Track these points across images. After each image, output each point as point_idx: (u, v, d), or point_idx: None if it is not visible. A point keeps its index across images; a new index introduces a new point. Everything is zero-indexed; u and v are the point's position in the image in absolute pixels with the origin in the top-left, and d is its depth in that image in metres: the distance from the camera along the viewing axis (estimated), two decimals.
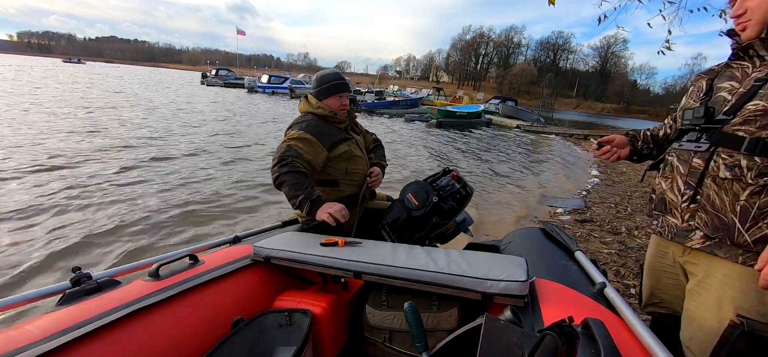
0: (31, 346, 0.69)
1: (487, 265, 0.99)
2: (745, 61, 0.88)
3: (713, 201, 0.86)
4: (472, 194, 1.57)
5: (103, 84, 19.54)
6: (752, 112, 0.80)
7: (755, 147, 0.79)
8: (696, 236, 0.90)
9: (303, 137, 1.42)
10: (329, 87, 1.52)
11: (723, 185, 0.84)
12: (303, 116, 1.53)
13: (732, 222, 0.83)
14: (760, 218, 0.79)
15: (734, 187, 0.83)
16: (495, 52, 78.69)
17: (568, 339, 0.63)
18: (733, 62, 0.91)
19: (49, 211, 3.19)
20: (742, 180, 0.81)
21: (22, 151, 4.87)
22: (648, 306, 1.12)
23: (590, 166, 8.00)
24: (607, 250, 2.94)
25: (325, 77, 1.54)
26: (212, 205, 3.74)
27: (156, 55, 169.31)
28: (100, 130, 6.83)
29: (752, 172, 0.80)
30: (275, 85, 24.90)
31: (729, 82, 0.89)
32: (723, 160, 0.84)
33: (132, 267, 1.14)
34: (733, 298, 0.85)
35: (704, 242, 0.89)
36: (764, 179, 0.78)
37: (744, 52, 0.88)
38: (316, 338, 1.11)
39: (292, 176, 1.32)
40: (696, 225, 0.90)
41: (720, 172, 0.85)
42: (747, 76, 0.86)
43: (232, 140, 7.20)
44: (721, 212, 0.85)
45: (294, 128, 1.47)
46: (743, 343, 0.81)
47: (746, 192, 0.81)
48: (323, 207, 1.33)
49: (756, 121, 0.80)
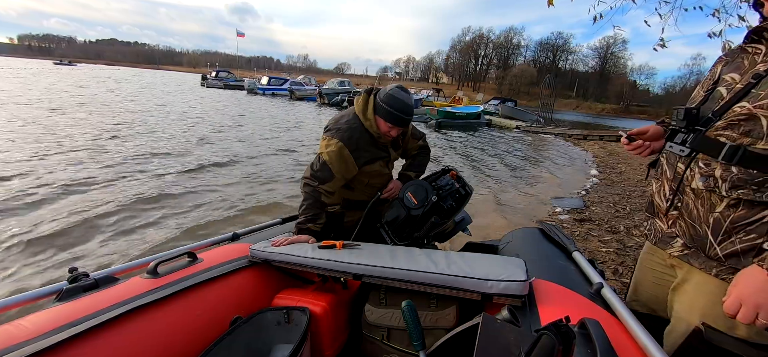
0: (27, 342, 0.69)
1: (486, 265, 0.99)
2: (759, 45, 0.77)
3: (691, 210, 0.82)
4: (472, 194, 1.58)
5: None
6: (737, 115, 0.72)
7: (733, 155, 0.72)
8: (677, 244, 0.87)
9: (340, 154, 1.35)
10: (388, 112, 1.35)
11: (700, 195, 0.79)
12: (351, 119, 1.42)
13: (705, 234, 0.79)
14: (733, 233, 0.74)
15: (711, 198, 0.77)
16: (494, 53, 78.78)
17: (565, 339, 0.64)
18: (747, 45, 0.80)
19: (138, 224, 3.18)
20: (716, 191, 0.75)
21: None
22: (631, 301, 1.12)
23: (589, 166, 8.00)
24: (606, 248, 2.94)
25: (392, 100, 1.35)
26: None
27: (156, 57, 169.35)
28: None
29: (726, 184, 0.73)
30: (275, 86, 24.90)
31: (731, 75, 0.79)
32: (699, 169, 0.79)
33: (130, 265, 1.14)
34: (702, 305, 0.82)
35: (683, 250, 0.86)
36: (739, 192, 0.71)
37: (758, 35, 0.77)
38: (314, 336, 1.12)
39: (311, 199, 1.39)
40: (677, 232, 0.87)
41: (693, 181, 0.80)
42: (754, 65, 0.75)
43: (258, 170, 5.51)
44: (696, 222, 0.81)
45: (336, 135, 1.38)
46: (703, 350, 0.80)
47: (722, 204, 0.75)
48: (303, 236, 1.35)
49: (739, 126, 0.72)
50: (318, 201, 1.39)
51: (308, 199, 1.38)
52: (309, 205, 1.37)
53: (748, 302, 0.67)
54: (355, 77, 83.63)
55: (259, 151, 6.59)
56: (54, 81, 19.56)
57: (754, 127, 0.70)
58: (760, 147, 0.69)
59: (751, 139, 0.70)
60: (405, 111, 1.36)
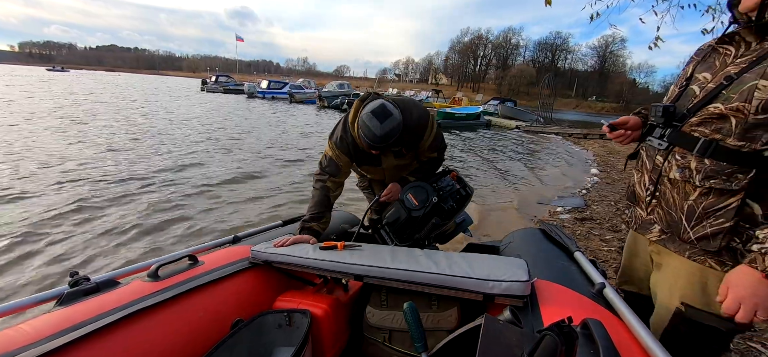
0: (29, 347, 0.69)
1: (488, 266, 0.99)
2: (729, 46, 0.85)
3: (668, 198, 0.90)
4: (472, 194, 1.57)
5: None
6: (710, 113, 0.80)
7: (707, 149, 0.80)
8: (655, 229, 0.95)
9: (339, 155, 1.43)
10: (360, 134, 1.30)
11: (676, 184, 0.87)
12: (346, 129, 1.41)
13: (680, 219, 0.87)
14: (704, 218, 0.82)
15: (686, 187, 0.85)
16: (493, 53, 78.83)
17: (567, 339, 0.63)
18: (718, 45, 0.87)
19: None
20: (690, 181, 0.83)
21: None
22: (622, 284, 1.20)
23: (590, 165, 7.99)
24: (607, 247, 2.93)
25: (363, 125, 1.27)
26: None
27: (156, 62, 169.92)
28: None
29: (700, 175, 0.81)
30: (275, 90, 24.95)
31: (703, 74, 0.87)
32: (676, 161, 0.87)
33: (131, 269, 1.14)
34: (681, 287, 0.90)
35: (660, 235, 0.94)
36: (710, 182, 0.80)
37: (730, 38, 0.85)
38: (316, 339, 1.11)
39: (320, 195, 1.43)
40: (655, 219, 0.95)
41: (671, 172, 0.88)
42: (725, 66, 0.82)
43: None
44: (672, 209, 0.89)
45: (336, 142, 1.42)
46: (686, 328, 0.89)
47: (696, 193, 0.83)
48: (304, 236, 1.35)
49: (712, 123, 0.80)
50: (326, 198, 1.43)
51: (316, 196, 1.43)
52: (316, 201, 1.42)
53: (747, 303, 0.72)
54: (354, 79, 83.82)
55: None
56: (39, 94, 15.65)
57: (725, 126, 0.78)
58: (730, 143, 0.77)
59: (722, 136, 0.78)
60: (372, 139, 1.24)
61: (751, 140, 0.75)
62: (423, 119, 1.42)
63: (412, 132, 1.39)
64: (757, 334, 1.71)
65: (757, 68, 0.74)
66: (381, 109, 1.25)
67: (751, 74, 0.75)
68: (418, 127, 1.41)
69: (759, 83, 0.72)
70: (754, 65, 0.75)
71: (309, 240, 1.32)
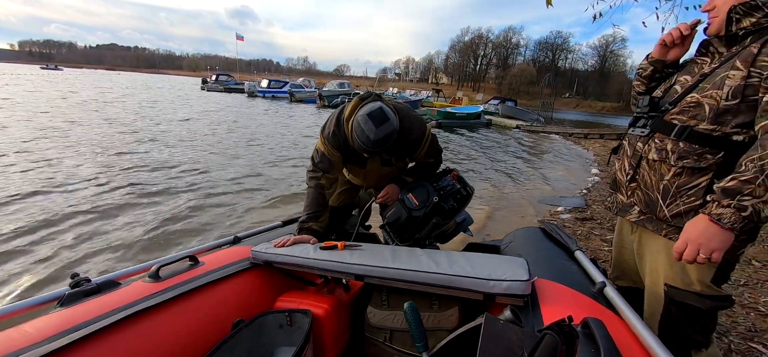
0: (30, 348, 0.69)
1: (488, 265, 0.99)
2: (705, 57, 0.96)
3: (646, 180, 0.98)
4: (473, 194, 1.57)
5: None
6: (688, 103, 0.90)
7: (682, 133, 0.89)
8: (634, 211, 1.03)
9: (331, 151, 1.40)
10: (355, 136, 1.27)
11: (653, 166, 0.96)
12: (340, 124, 1.37)
13: (656, 199, 0.95)
14: (678, 196, 0.91)
15: (662, 168, 0.94)
16: (494, 53, 78.75)
17: (568, 338, 0.63)
18: (697, 58, 0.98)
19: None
20: (666, 161, 0.92)
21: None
22: (615, 278, 1.25)
23: (590, 165, 7.99)
24: (608, 247, 2.93)
25: (358, 128, 1.24)
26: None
27: (156, 61, 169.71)
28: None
29: (674, 155, 0.90)
30: (275, 89, 24.93)
31: (684, 77, 0.97)
32: (655, 144, 0.95)
33: (132, 270, 1.14)
34: (663, 269, 0.97)
35: (639, 216, 1.01)
36: (683, 162, 0.89)
37: (706, 49, 0.95)
38: (317, 339, 1.11)
39: (315, 193, 1.41)
40: (634, 201, 1.03)
41: (650, 154, 0.96)
42: (701, 71, 0.93)
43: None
44: (650, 190, 0.97)
45: (328, 137, 1.39)
46: (676, 311, 0.95)
47: (670, 173, 0.92)
48: (305, 236, 1.34)
49: (689, 111, 0.89)
50: (322, 195, 1.41)
51: (311, 195, 1.41)
52: (312, 200, 1.40)
53: (693, 242, 0.80)
54: (354, 79, 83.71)
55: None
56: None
57: (700, 112, 0.87)
58: (702, 127, 0.87)
59: (696, 121, 0.88)
60: (365, 142, 1.21)
61: (721, 124, 0.84)
62: (420, 133, 1.40)
63: (407, 143, 1.37)
64: (758, 334, 1.71)
65: (727, 64, 0.85)
66: (379, 113, 1.21)
67: (722, 69, 0.86)
68: (415, 142, 1.39)
69: (729, 73, 0.83)
70: (724, 64, 0.87)
71: (309, 240, 1.32)
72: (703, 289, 0.91)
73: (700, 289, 0.91)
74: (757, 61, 0.79)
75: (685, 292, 0.93)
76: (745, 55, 0.81)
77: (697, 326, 0.94)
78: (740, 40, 0.87)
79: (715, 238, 0.77)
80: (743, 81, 0.80)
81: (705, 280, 0.91)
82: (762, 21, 0.83)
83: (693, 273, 0.91)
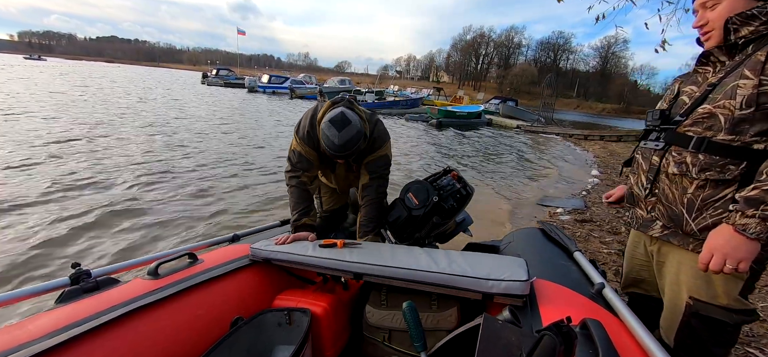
0: (31, 343, 0.70)
1: (488, 265, 0.99)
2: (707, 67, 0.96)
3: (667, 194, 0.96)
4: (473, 194, 1.58)
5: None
6: (700, 114, 0.89)
7: (700, 145, 0.88)
8: (656, 226, 1.00)
9: (307, 150, 1.41)
10: (324, 144, 1.29)
11: (674, 180, 0.94)
12: (313, 124, 1.38)
13: (681, 213, 0.93)
14: (704, 209, 0.88)
15: (683, 182, 0.92)
16: (495, 52, 78.57)
17: (566, 339, 0.64)
18: (698, 68, 0.99)
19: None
20: (687, 175, 0.90)
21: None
22: (627, 288, 1.24)
23: (590, 166, 7.99)
24: (607, 249, 2.94)
25: (322, 132, 1.27)
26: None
27: (156, 54, 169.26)
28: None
29: (696, 168, 0.88)
30: (275, 85, 24.87)
31: (690, 87, 0.97)
32: (673, 158, 0.93)
33: (131, 264, 1.14)
34: (687, 281, 0.94)
35: (662, 231, 0.99)
36: (706, 174, 0.87)
37: (706, 59, 0.96)
38: (315, 337, 1.12)
39: (298, 190, 1.41)
40: (656, 216, 1.00)
41: (669, 168, 0.94)
42: (706, 80, 0.94)
43: None
44: (672, 204, 0.95)
45: (303, 137, 1.39)
46: (697, 323, 0.93)
47: (693, 186, 0.90)
48: (302, 233, 1.35)
49: (703, 122, 0.88)
50: (306, 191, 1.42)
51: (295, 193, 1.40)
52: (297, 198, 1.40)
53: (718, 252, 0.79)
54: (355, 76, 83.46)
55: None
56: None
57: (715, 123, 0.86)
58: (720, 138, 0.85)
59: (713, 132, 0.87)
60: (331, 147, 1.24)
61: (740, 133, 0.83)
62: (382, 142, 1.42)
63: (371, 152, 1.40)
64: (755, 339, 1.72)
65: (734, 73, 0.85)
66: (340, 118, 1.23)
67: (730, 78, 0.85)
68: (374, 144, 1.40)
69: (739, 82, 0.82)
70: (730, 73, 0.86)
71: (308, 237, 1.32)
72: (729, 302, 0.89)
73: (726, 303, 0.89)
74: (766, 69, 0.79)
75: (710, 306, 0.90)
76: (752, 64, 0.81)
77: (721, 340, 0.92)
78: (740, 48, 0.88)
79: (740, 249, 0.77)
80: (755, 89, 0.79)
81: (732, 292, 0.89)
82: (761, 29, 0.83)
83: (719, 285, 0.89)
